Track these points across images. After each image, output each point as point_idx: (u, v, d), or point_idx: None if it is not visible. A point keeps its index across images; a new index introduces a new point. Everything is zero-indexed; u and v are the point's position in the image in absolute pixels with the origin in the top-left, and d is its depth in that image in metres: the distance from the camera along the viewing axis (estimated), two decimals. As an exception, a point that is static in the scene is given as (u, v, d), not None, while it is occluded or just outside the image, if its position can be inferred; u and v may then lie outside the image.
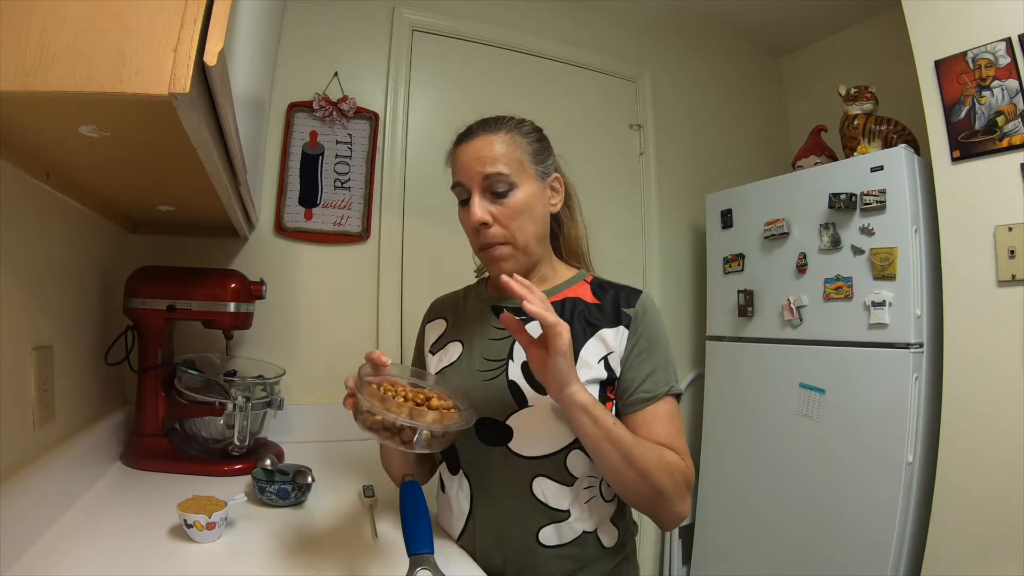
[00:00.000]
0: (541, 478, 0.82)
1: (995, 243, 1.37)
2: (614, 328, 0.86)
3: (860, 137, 1.79)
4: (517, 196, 0.85)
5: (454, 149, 0.90)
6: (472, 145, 0.87)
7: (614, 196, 2.15)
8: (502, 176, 0.84)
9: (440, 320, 1.02)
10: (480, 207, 0.84)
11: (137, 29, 0.48)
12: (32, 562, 0.72)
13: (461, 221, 0.90)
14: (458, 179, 0.88)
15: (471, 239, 0.89)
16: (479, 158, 0.85)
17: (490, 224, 0.85)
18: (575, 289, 0.92)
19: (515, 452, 0.83)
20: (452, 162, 0.90)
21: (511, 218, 0.85)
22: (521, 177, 0.86)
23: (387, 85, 1.79)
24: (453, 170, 0.90)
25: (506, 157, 0.85)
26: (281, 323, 1.60)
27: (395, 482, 0.98)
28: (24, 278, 0.82)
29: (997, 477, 1.34)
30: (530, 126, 0.91)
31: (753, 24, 2.43)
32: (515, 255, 0.87)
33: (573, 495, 0.83)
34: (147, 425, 1.18)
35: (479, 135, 0.87)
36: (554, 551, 0.83)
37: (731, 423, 1.98)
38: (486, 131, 0.87)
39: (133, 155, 0.76)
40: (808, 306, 1.76)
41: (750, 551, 1.85)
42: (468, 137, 0.89)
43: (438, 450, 0.72)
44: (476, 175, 0.85)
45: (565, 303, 0.89)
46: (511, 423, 0.83)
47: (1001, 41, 1.38)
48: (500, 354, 0.88)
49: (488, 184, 0.85)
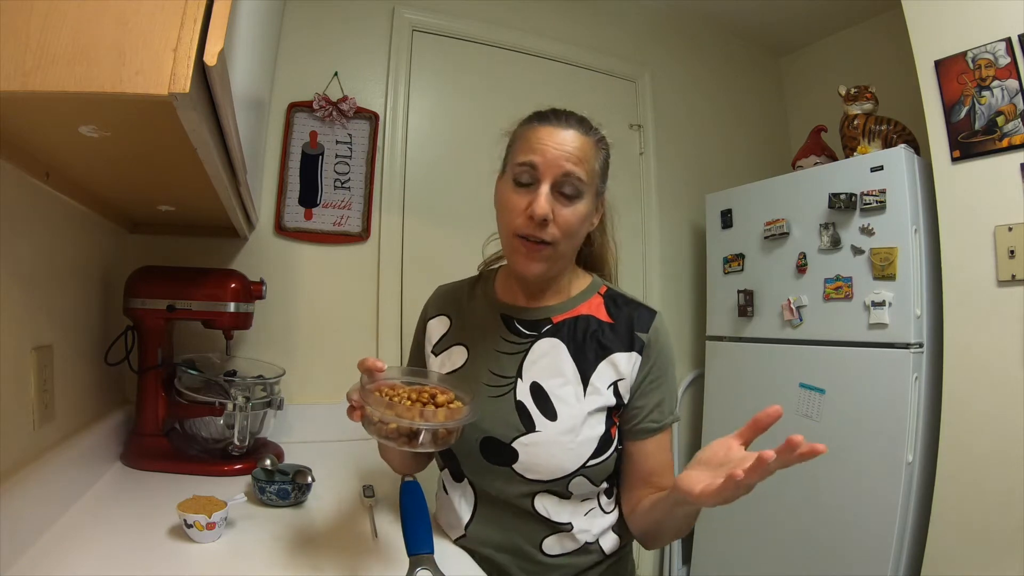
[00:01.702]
0: (543, 495, 0.82)
1: (995, 243, 1.37)
2: (627, 353, 0.84)
3: (860, 137, 1.79)
4: (581, 207, 0.81)
5: (531, 124, 0.83)
6: (560, 133, 0.80)
7: (614, 196, 2.14)
8: (580, 181, 0.80)
9: (443, 317, 0.97)
10: (548, 200, 0.78)
11: (137, 29, 0.48)
12: (32, 562, 0.72)
13: (505, 197, 0.83)
14: (531, 159, 0.79)
15: (508, 222, 0.82)
16: (564, 150, 0.79)
17: (550, 222, 0.79)
18: (588, 305, 0.89)
19: (519, 473, 0.81)
20: (521, 137, 0.83)
21: (569, 225, 0.80)
22: (588, 189, 0.82)
23: (387, 85, 1.79)
24: (522, 146, 0.82)
25: (587, 164, 0.81)
26: (281, 323, 1.60)
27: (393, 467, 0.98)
28: (24, 278, 0.82)
29: (997, 477, 1.34)
30: (606, 142, 0.87)
31: (753, 24, 2.43)
32: (553, 260, 0.82)
33: (573, 508, 0.83)
34: (147, 425, 1.18)
35: (569, 126, 0.81)
36: (557, 559, 0.83)
37: (731, 423, 1.95)
38: (577, 127, 0.82)
39: (133, 155, 0.76)
40: (808, 306, 1.76)
41: (750, 551, 1.85)
42: (556, 121, 0.82)
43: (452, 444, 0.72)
44: (557, 166, 0.78)
45: (578, 321, 0.87)
46: (517, 446, 0.81)
47: (1001, 41, 1.38)
48: (509, 371, 0.86)
49: (563, 181, 0.79)
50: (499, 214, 0.86)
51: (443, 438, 0.69)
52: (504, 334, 0.89)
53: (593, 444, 0.80)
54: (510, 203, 0.82)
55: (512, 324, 0.89)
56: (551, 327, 0.87)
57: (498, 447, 0.82)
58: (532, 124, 0.83)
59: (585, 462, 0.80)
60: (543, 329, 0.87)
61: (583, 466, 0.80)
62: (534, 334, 0.87)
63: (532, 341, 0.87)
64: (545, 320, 0.88)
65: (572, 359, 0.84)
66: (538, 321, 0.88)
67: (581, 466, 0.80)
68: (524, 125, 0.85)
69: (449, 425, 0.67)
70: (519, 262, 0.83)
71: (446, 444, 0.70)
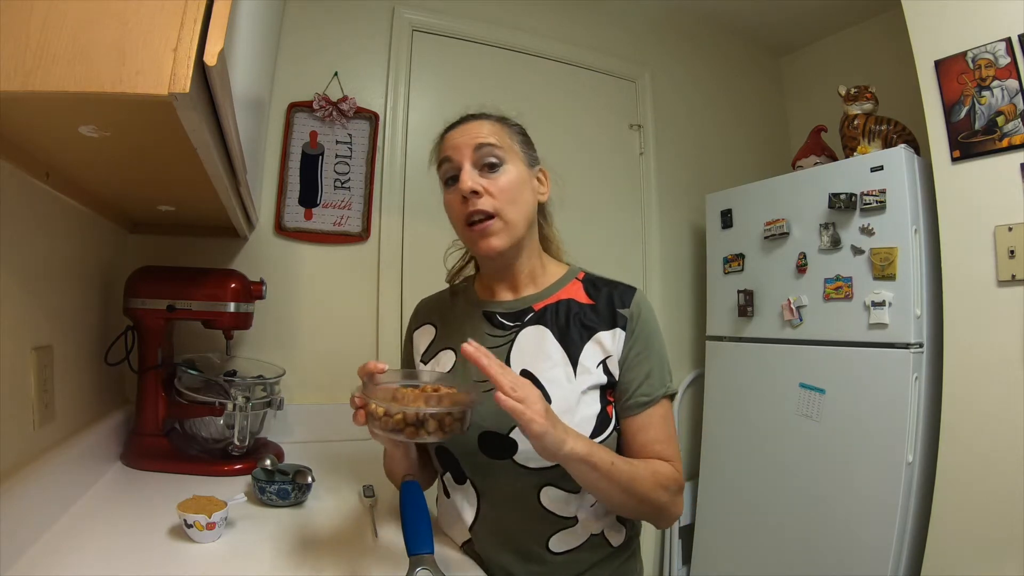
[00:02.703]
0: (548, 487, 0.81)
1: (995, 243, 1.37)
2: (611, 331, 0.85)
3: (860, 137, 1.79)
4: (508, 173, 0.85)
5: (441, 138, 0.90)
6: (462, 128, 0.87)
7: (614, 196, 2.15)
8: (494, 148, 0.84)
9: (428, 326, 0.99)
10: (471, 176, 0.83)
11: (137, 29, 0.48)
12: (32, 562, 0.72)
13: (447, 204, 0.88)
14: (447, 154, 0.86)
15: (457, 219, 0.87)
16: (470, 134, 0.85)
17: (481, 194, 0.83)
18: (568, 289, 0.91)
19: (520, 464, 0.81)
20: (439, 149, 0.90)
21: (502, 191, 0.84)
22: (511, 157, 0.86)
23: (387, 85, 1.79)
24: (440, 153, 0.89)
25: (497, 135, 0.86)
26: (281, 323, 1.60)
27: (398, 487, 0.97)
28: (24, 278, 0.82)
29: (997, 477, 1.34)
30: (514, 120, 0.93)
31: (753, 24, 2.43)
32: (505, 230, 0.84)
33: (579, 501, 0.82)
34: (147, 425, 1.18)
35: (469, 120, 0.89)
36: (564, 556, 0.83)
37: (731, 423, 1.98)
38: (478, 118, 0.89)
39: (133, 155, 0.76)
40: (808, 306, 1.76)
41: (750, 551, 1.85)
42: (458, 123, 0.89)
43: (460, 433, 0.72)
44: (467, 146, 0.84)
45: (559, 305, 0.88)
46: (515, 436, 0.81)
47: (1001, 41, 1.38)
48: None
49: (479, 156, 0.84)
50: (450, 221, 0.90)
51: (449, 426, 0.69)
52: (488, 329, 0.90)
53: (591, 423, 0.81)
54: (449, 203, 0.87)
55: (495, 319, 0.90)
56: (533, 315, 0.89)
57: (497, 440, 0.82)
58: (441, 137, 0.91)
59: None
60: (526, 318, 0.89)
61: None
62: (517, 324, 0.88)
63: (516, 331, 0.88)
64: (527, 309, 0.89)
65: (558, 342, 0.85)
66: (520, 312, 0.89)
67: None
68: (436, 142, 0.92)
69: (455, 410, 0.68)
70: (478, 247, 0.85)
71: (452, 432, 0.70)
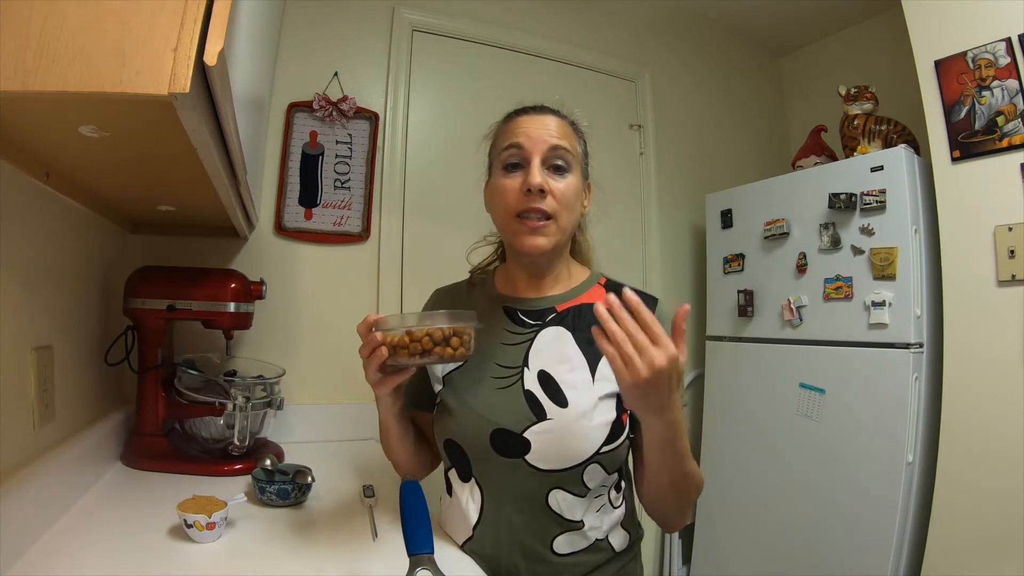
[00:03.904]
0: (557, 490, 0.81)
1: (995, 243, 1.37)
2: None
3: (860, 137, 1.79)
4: (572, 181, 0.84)
5: (510, 118, 0.88)
6: (539, 118, 0.86)
7: (614, 196, 2.15)
8: (568, 153, 0.84)
9: None
10: (540, 171, 0.82)
11: (137, 29, 0.48)
12: (32, 562, 0.72)
13: (499, 188, 0.85)
14: (518, 140, 0.83)
15: (507, 206, 0.84)
16: (547, 129, 0.84)
17: (547, 192, 0.82)
18: (591, 294, 0.90)
19: (532, 465, 0.80)
20: (504, 129, 0.88)
21: (564, 196, 0.83)
22: (576, 165, 0.86)
23: (387, 85, 1.79)
24: (506, 135, 0.86)
25: (570, 140, 0.86)
26: (281, 323, 1.60)
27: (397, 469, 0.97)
28: (24, 278, 0.82)
29: (997, 477, 1.34)
30: (582, 128, 0.92)
31: (753, 24, 2.43)
32: (556, 233, 0.83)
33: (586, 505, 0.82)
34: (147, 425, 1.18)
35: (546, 112, 0.87)
36: (567, 559, 0.82)
37: (731, 423, 1.98)
38: (553, 113, 0.87)
39: (133, 155, 0.76)
40: (808, 306, 1.76)
41: (750, 551, 1.85)
42: (533, 111, 0.87)
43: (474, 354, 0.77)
44: (543, 142, 0.83)
45: (583, 309, 0.88)
46: (529, 436, 0.80)
47: (1001, 41, 1.38)
48: (515, 361, 0.86)
49: (551, 156, 0.83)
50: (494, 205, 0.88)
51: (467, 344, 0.74)
52: (508, 326, 0.89)
53: (606, 430, 0.80)
54: (504, 187, 0.84)
55: (515, 315, 0.90)
56: (555, 316, 0.88)
57: (509, 438, 0.81)
58: (511, 118, 0.89)
59: (599, 448, 0.79)
60: (548, 318, 0.88)
61: (597, 452, 0.79)
62: (538, 323, 0.88)
63: (537, 330, 0.87)
64: (549, 309, 0.89)
65: (578, 346, 0.85)
66: (542, 311, 0.89)
67: (595, 452, 0.79)
68: (503, 122, 0.90)
69: (469, 325, 0.74)
70: (523, 241, 0.83)
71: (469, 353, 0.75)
